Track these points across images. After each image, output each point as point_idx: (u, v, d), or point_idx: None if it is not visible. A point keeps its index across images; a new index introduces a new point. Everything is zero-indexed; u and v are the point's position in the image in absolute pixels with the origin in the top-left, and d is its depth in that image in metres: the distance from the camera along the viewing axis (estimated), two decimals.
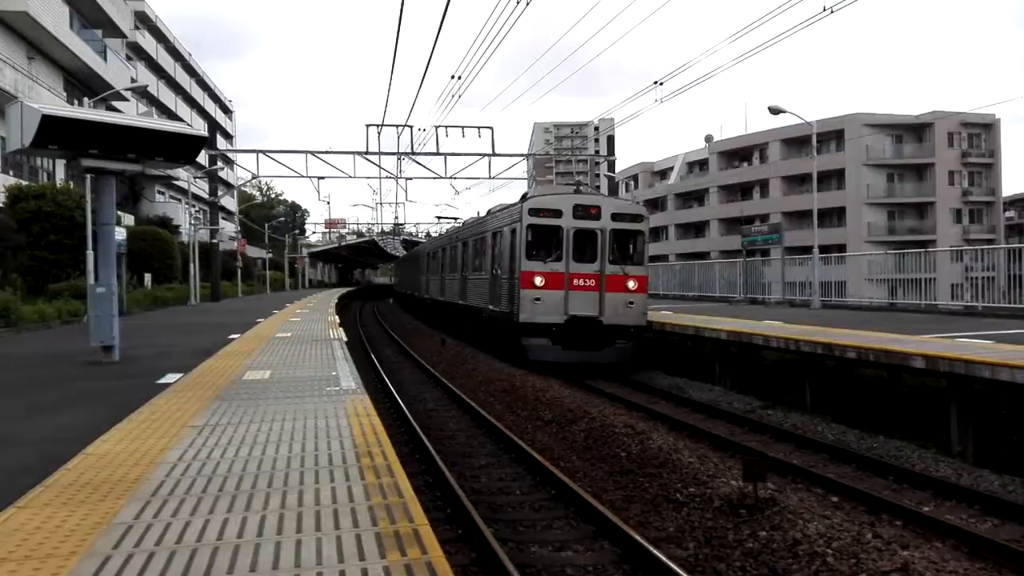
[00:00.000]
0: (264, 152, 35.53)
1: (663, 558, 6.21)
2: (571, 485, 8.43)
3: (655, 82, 23.48)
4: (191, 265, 38.34)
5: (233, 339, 16.01)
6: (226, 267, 48.50)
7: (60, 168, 35.90)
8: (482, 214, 27.33)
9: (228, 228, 58.44)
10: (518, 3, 14.22)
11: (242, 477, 5.07)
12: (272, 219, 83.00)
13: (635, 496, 8.51)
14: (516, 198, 23.63)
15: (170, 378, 10.15)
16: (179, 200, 56.34)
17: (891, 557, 6.23)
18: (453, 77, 22.73)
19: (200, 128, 46.20)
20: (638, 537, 6.72)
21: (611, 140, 41.82)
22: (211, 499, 4.57)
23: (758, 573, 6.38)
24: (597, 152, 71.77)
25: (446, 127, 35.11)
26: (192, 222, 41.73)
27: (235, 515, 4.24)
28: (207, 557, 3.62)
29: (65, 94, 37.59)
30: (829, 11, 16.77)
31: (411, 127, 35.39)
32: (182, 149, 12.13)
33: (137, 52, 53.56)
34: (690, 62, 75.86)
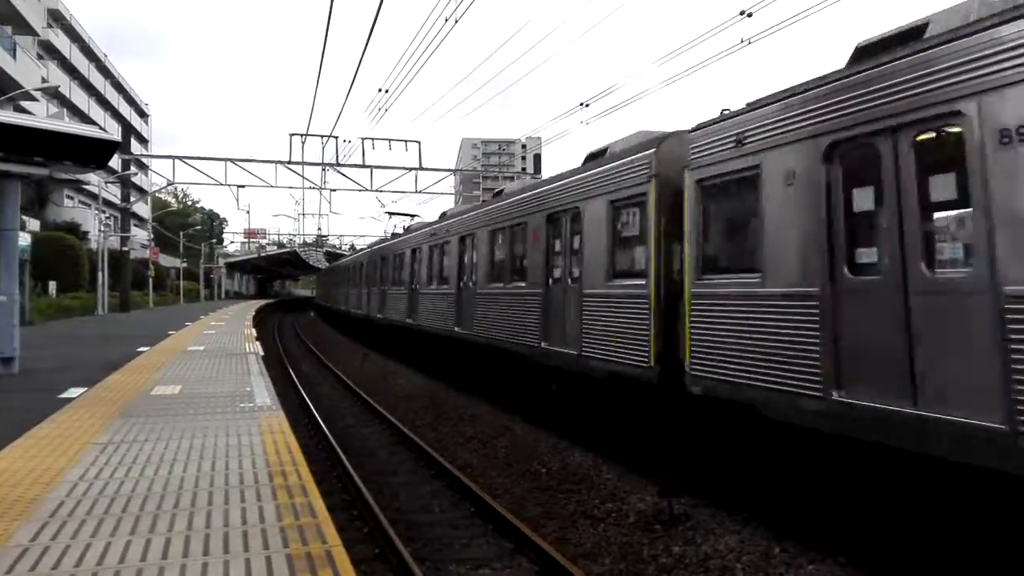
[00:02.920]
0: (181, 158, 34.37)
1: (578, 574, 6.27)
2: (490, 502, 8.43)
3: (581, 104, 23.83)
4: (99, 273, 36.78)
5: (142, 352, 15.43)
6: (137, 276, 46.72)
7: None
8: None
9: (140, 236, 56.31)
10: (447, 21, 14.28)
11: (147, 497, 4.88)
12: (188, 227, 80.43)
13: (554, 512, 8.56)
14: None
15: (73, 392, 9.71)
16: (89, 205, 54.03)
17: (797, 571, 6.45)
18: (380, 90, 22.59)
19: (114, 132, 44.55)
20: (555, 554, 6.76)
21: (537, 158, 42.36)
22: (113, 520, 4.39)
23: None
24: (524, 170, 72.39)
25: (373, 139, 34.73)
26: (102, 228, 40.02)
27: (139, 537, 4.08)
28: None
29: None
30: (747, 42, 17.51)
31: (336, 138, 34.78)
32: (93, 153, 11.67)
33: (49, 51, 51.33)
34: (616, 85, 77.58)
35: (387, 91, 22.64)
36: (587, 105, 23.79)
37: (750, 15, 16.50)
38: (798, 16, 14.80)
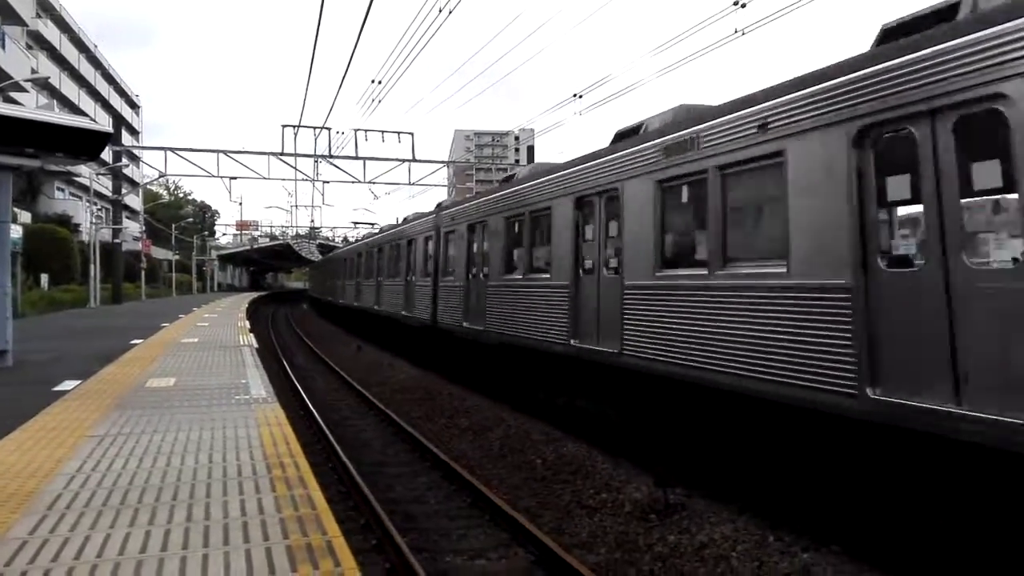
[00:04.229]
0: (173, 149, 34.24)
1: (575, 563, 6.31)
2: (487, 493, 8.46)
3: (575, 95, 23.80)
4: (91, 266, 36.64)
5: (135, 344, 15.40)
6: (129, 269, 46.60)
7: None
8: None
9: (132, 228, 56.08)
10: (440, 11, 14.23)
11: (145, 489, 4.89)
12: (180, 219, 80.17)
13: (549, 502, 8.60)
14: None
15: (67, 385, 9.69)
16: (80, 198, 53.73)
17: (792, 559, 6.50)
18: (374, 81, 22.51)
19: (105, 123, 44.27)
20: (551, 544, 6.80)
21: (531, 149, 42.35)
22: (112, 512, 4.39)
23: None
24: (517, 161, 72.29)
25: (366, 131, 34.59)
26: (94, 221, 39.84)
27: (138, 529, 4.09)
28: (107, 574, 3.48)
29: None
30: (740, 33, 17.54)
31: (329, 129, 34.90)
32: (85, 145, 11.62)
33: (39, 42, 50.91)
34: (610, 75, 77.64)
35: (380, 82, 22.59)
36: (581, 96, 23.76)
37: (743, 5, 16.53)
38: (791, 7, 14.81)
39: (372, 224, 33.03)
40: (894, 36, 6.55)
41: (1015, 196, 5.22)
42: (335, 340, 31.63)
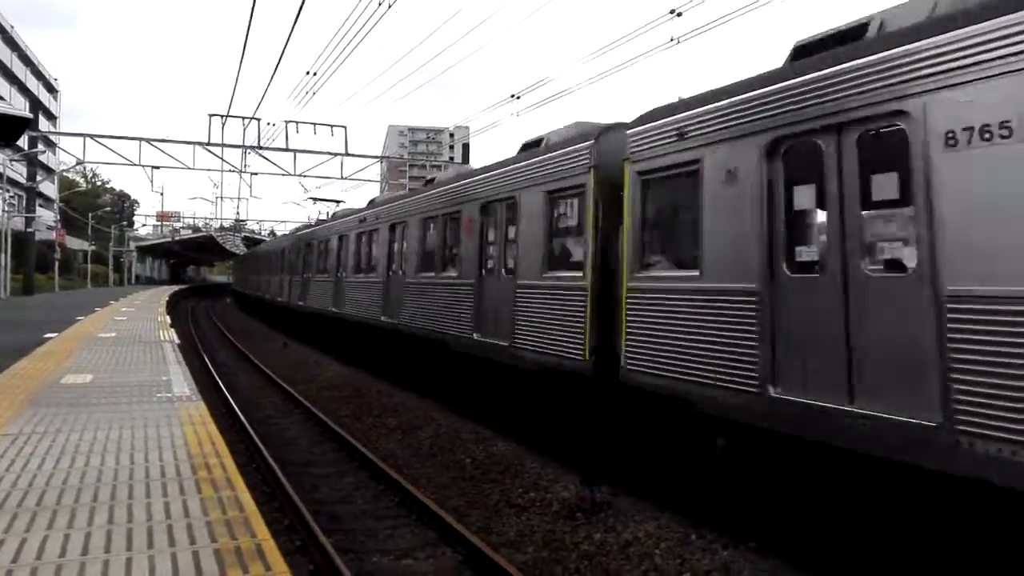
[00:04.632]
0: (92, 136, 32.86)
1: (502, 563, 6.38)
2: (414, 492, 8.46)
3: (512, 95, 23.92)
4: (1, 255, 34.91)
5: (49, 338, 14.80)
6: (42, 259, 44.58)
7: None
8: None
9: (46, 216, 53.68)
10: (380, 4, 14.11)
11: (63, 491, 4.73)
12: (97, 208, 77.09)
13: (478, 502, 8.65)
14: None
15: None
16: None
17: (712, 557, 6.72)
18: (308, 73, 22.13)
19: (21, 107, 42.28)
20: (479, 543, 6.85)
21: (466, 147, 42.32)
22: (28, 515, 4.25)
23: (592, 574, 6.69)
24: (452, 159, 72.14)
25: (297, 123, 33.93)
26: (5, 208, 37.97)
27: (56, 532, 3.97)
28: None
29: None
30: (676, 41, 17.98)
31: (259, 120, 33.90)
32: (2, 130, 11.10)
33: None
34: (547, 78, 78.50)
35: (315, 74, 22.22)
36: (518, 97, 23.91)
37: (680, 14, 16.92)
38: (727, 17, 15.25)
39: (338, 202, 30.87)
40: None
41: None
42: (258, 336, 30.97)
